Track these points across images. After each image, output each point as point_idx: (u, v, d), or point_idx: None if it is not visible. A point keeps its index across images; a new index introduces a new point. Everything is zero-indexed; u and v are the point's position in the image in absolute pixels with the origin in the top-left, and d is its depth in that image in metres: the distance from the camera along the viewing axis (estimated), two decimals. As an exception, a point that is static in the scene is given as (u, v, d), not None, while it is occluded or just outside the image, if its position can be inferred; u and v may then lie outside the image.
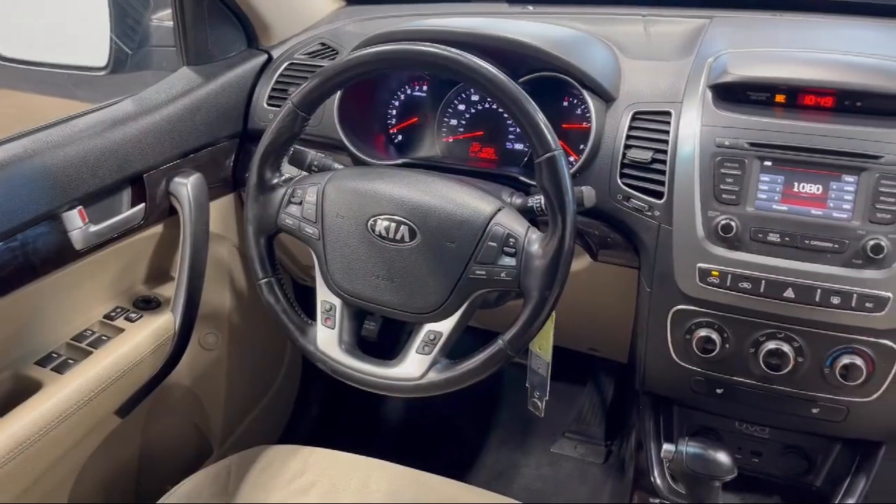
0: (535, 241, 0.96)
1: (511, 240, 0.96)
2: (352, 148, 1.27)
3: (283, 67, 1.42)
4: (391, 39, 1.13)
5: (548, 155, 0.92)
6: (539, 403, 1.29)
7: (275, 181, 1.09)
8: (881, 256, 0.96)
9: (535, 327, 0.96)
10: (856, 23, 1.31)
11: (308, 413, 1.93)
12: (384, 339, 1.13)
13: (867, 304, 0.97)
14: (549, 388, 1.26)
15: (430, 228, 0.99)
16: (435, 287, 1.00)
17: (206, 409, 1.57)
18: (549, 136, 0.92)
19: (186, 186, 1.29)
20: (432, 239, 0.99)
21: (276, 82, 1.40)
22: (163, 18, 1.53)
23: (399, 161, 1.26)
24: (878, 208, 0.97)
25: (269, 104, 1.40)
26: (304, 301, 1.16)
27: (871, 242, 0.96)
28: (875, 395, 1.04)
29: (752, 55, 1.14)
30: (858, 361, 1.01)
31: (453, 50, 0.95)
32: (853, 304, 0.98)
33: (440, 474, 1.18)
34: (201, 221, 1.31)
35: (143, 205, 1.25)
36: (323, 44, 1.43)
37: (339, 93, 1.26)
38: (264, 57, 1.46)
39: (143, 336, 1.23)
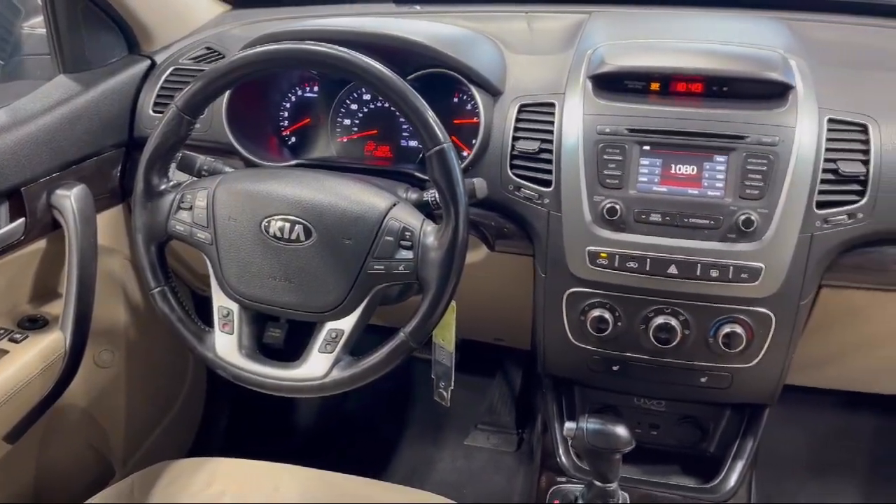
0: (430, 234, 0.97)
1: (407, 233, 0.98)
2: (243, 151, 1.25)
3: (167, 73, 1.38)
4: (278, 39, 1.12)
5: (437, 148, 0.94)
6: (445, 394, 1.31)
7: (163, 187, 1.06)
8: (752, 230, 1.02)
9: (434, 317, 0.97)
10: (723, 14, 1.40)
11: (217, 425, 1.89)
12: (297, 344, 1.12)
13: (742, 276, 1.04)
14: (454, 378, 1.28)
15: (326, 226, 0.99)
16: (334, 285, 1.00)
17: (105, 429, 1.51)
18: (437, 130, 0.94)
19: (70, 199, 1.24)
20: (328, 237, 0.99)
21: (161, 88, 1.37)
22: (35, 26, 1.47)
23: (293, 162, 1.26)
24: (746, 185, 1.04)
25: (154, 111, 1.36)
26: (205, 312, 1.13)
27: (743, 217, 1.03)
28: (755, 361, 1.11)
29: (628, 46, 1.19)
30: (739, 330, 1.08)
31: (339, 48, 0.95)
32: (730, 276, 1.04)
33: (356, 474, 1.18)
34: (88, 234, 1.26)
35: (22, 219, 1.20)
36: (208, 48, 1.40)
37: (227, 95, 1.24)
38: (147, 63, 1.42)
39: (30, 357, 1.17)
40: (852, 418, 1.83)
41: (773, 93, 1.07)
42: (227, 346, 1.05)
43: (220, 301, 1.06)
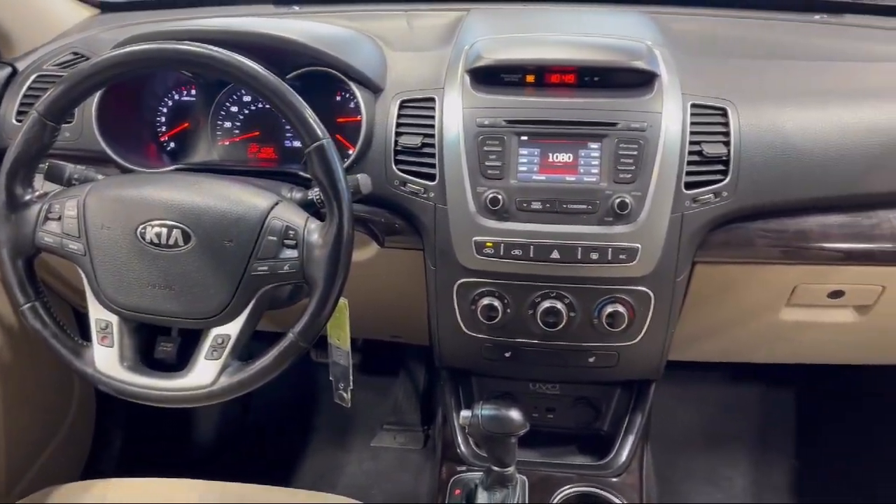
0: (314, 231, 0.96)
1: (290, 232, 0.96)
2: (117, 158, 1.20)
3: (30, 80, 1.31)
4: (148, 40, 1.09)
5: (316, 144, 0.93)
6: (345, 395, 1.30)
7: (27, 198, 1.00)
8: (627, 212, 1.07)
9: (323, 315, 0.97)
10: (593, 9, 1.45)
11: (111, 444, 1.80)
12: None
13: (621, 256, 1.09)
14: (353, 379, 1.27)
15: (205, 229, 0.96)
16: (217, 289, 0.97)
17: (-16, 459, 1.41)
18: (315, 126, 0.93)
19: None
20: (208, 240, 0.96)
21: (25, 96, 1.30)
22: None
23: (171, 168, 1.22)
24: (619, 170, 1.08)
25: (17, 120, 1.28)
26: (87, 327, 1.08)
27: (618, 200, 1.07)
28: (638, 338, 1.16)
29: (504, 41, 1.22)
30: (621, 309, 1.12)
31: (210, 47, 0.93)
32: (609, 258, 1.09)
33: (262, 484, 1.16)
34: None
35: None
36: (75, 53, 1.34)
37: (96, 100, 1.19)
38: (8, 70, 1.34)
39: None
40: (736, 390, 1.94)
41: (640, 81, 1.12)
42: (107, 359, 1.01)
43: (98, 314, 1.01)
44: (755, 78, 1.20)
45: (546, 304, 1.13)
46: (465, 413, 1.05)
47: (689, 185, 1.09)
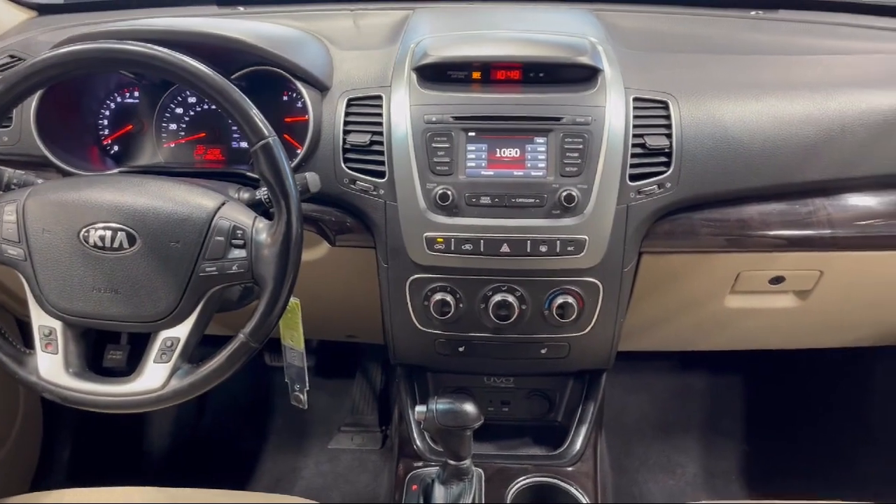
0: (262, 230, 0.96)
1: (238, 231, 0.96)
2: (58, 162, 1.18)
3: (-36, 84, 1.27)
4: (89, 40, 1.06)
5: (262, 143, 0.92)
6: (301, 396, 1.30)
7: None
8: (574, 205, 1.09)
9: (274, 315, 0.96)
10: (540, 7, 1.47)
11: (59, 454, 1.76)
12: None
13: (569, 248, 1.10)
14: (308, 380, 1.27)
15: (151, 231, 0.95)
16: (165, 291, 0.96)
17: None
18: (261, 125, 0.93)
19: None
20: (154, 242, 0.95)
21: (-41, 101, 1.26)
22: None
23: (115, 171, 1.20)
24: (566, 163, 1.10)
25: (-47, 124, 1.25)
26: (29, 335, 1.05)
27: (565, 193, 1.09)
28: (589, 328, 1.18)
29: (450, 38, 1.23)
30: (570, 300, 1.14)
31: (153, 46, 0.91)
32: (558, 250, 1.10)
33: (218, 489, 1.14)
34: None
35: None
36: (12, 55, 1.30)
37: (34, 104, 1.16)
38: (-60, 74, 1.30)
39: None
40: (687, 378, 1.98)
41: (584, 76, 1.14)
42: (51, 367, 0.98)
43: (41, 320, 0.99)
44: (695, 72, 1.23)
45: (497, 297, 1.14)
46: (419, 408, 1.05)
47: (633, 177, 1.12)
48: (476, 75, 1.16)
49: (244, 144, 1.29)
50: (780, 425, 1.92)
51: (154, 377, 0.97)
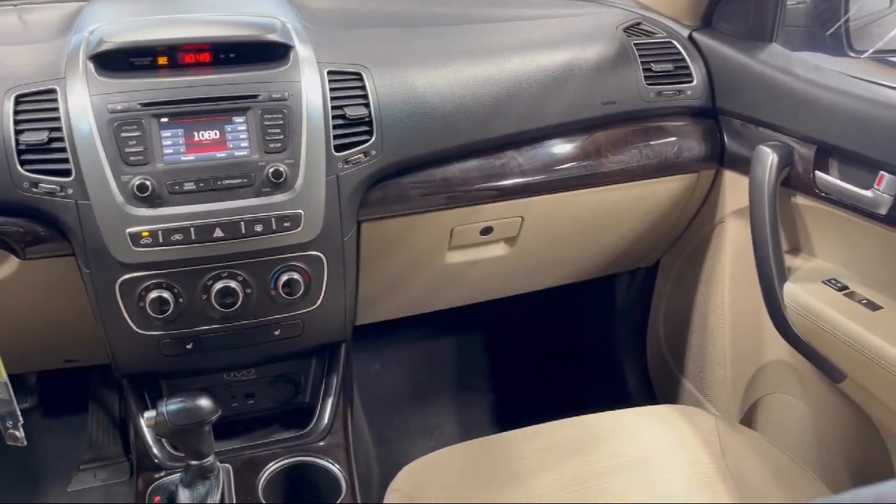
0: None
1: None
2: None
3: None
4: None
5: None
6: (17, 433, 1.14)
7: None
8: (283, 180, 1.09)
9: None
10: None
11: None
12: None
13: (285, 224, 1.10)
14: (19, 411, 1.12)
15: None
16: None
17: None
18: None
19: None
20: None
21: None
22: None
23: None
24: (268, 140, 1.09)
25: None
26: None
27: (272, 170, 1.08)
28: (319, 302, 1.19)
29: (129, 24, 1.16)
30: (296, 276, 1.14)
31: None
32: (274, 227, 1.09)
33: None
34: None
35: None
36: None
37: None
38: None
39: None
40: (433, 343, 2.09)
41: (276, 55, 1.14)
42: None
43: None
44: (386, 45, 1.29)
45: (219, 285, 1.10)
46: (148, 414, 0.99)
47: (338, 148, 1.14)
48: (162, 60, 1.11)
49: None
50: (518, 367, 2.09)
51: None
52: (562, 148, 1.35)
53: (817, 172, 1.20)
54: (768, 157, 1.23)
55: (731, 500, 1.06)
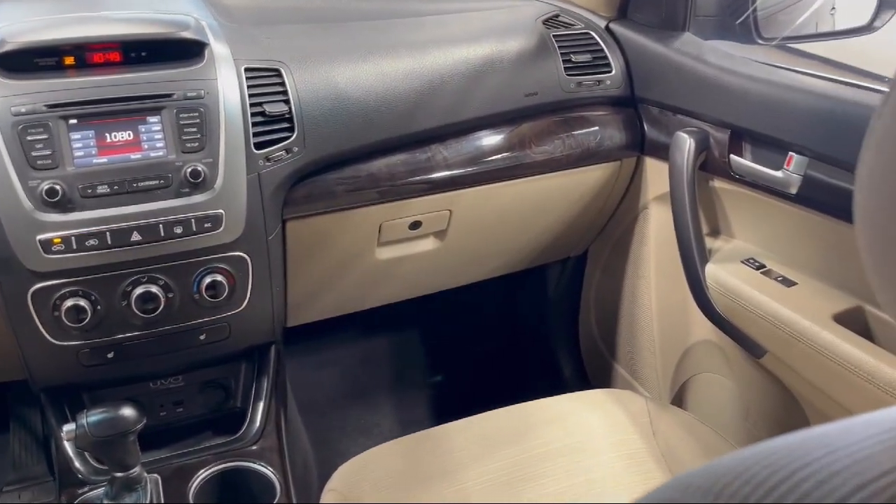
0: None
1: None
2: None
3: None
4: None
5: None
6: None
7: None
8: (201, 180, 1.06)
9: None
10: None
11: None
12: None
13: (206, 225, 1.07)
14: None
15: None
16: None
17: None
18: None
19: None
20: None
21: None
22: None
23: None
24: (185, 139, 1.06)
25: None
26: None
27: (190, 170, 1.05)
28: (245, 304, 1.16)
29: (33, 24, 1.11)
30: (220, 278, 1.11)
31: None
32: (194, 229, 1.07)
33: None
34: None
35: None
36: None
37: None
38: None
39: None
40: (368, 341, 2.07)
41: (191, 52, 1.11)
42: None
43: None
44: (305, 41, 1.27)
45: (139, 290, 1.06)
46: (67, 427, 0.96)
47: (258, 146, 1.12)
48: (69, 60, 1.07)
49: None
50: (455, 361, 2.10)
51: None
52: (487, 140, 1.36)
53: (732, 156, 1.24)
54: (685, 143, 1.27)
55: (663, 478, 1.08)
